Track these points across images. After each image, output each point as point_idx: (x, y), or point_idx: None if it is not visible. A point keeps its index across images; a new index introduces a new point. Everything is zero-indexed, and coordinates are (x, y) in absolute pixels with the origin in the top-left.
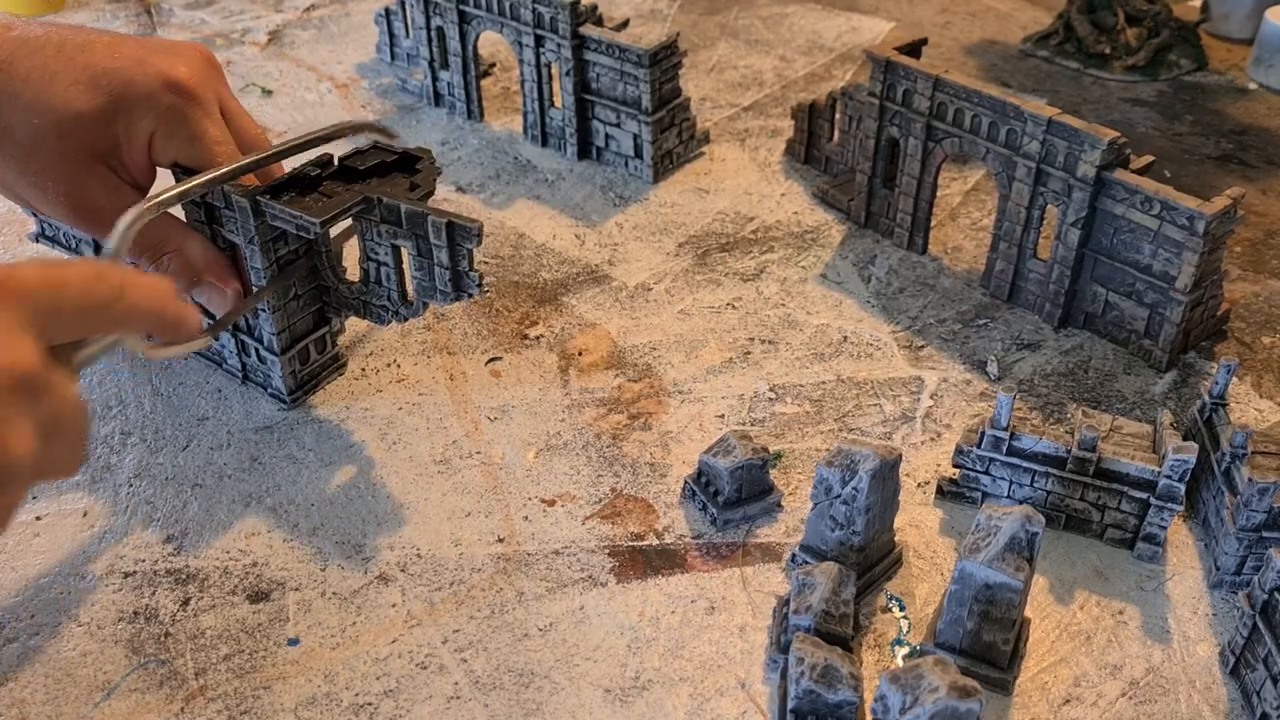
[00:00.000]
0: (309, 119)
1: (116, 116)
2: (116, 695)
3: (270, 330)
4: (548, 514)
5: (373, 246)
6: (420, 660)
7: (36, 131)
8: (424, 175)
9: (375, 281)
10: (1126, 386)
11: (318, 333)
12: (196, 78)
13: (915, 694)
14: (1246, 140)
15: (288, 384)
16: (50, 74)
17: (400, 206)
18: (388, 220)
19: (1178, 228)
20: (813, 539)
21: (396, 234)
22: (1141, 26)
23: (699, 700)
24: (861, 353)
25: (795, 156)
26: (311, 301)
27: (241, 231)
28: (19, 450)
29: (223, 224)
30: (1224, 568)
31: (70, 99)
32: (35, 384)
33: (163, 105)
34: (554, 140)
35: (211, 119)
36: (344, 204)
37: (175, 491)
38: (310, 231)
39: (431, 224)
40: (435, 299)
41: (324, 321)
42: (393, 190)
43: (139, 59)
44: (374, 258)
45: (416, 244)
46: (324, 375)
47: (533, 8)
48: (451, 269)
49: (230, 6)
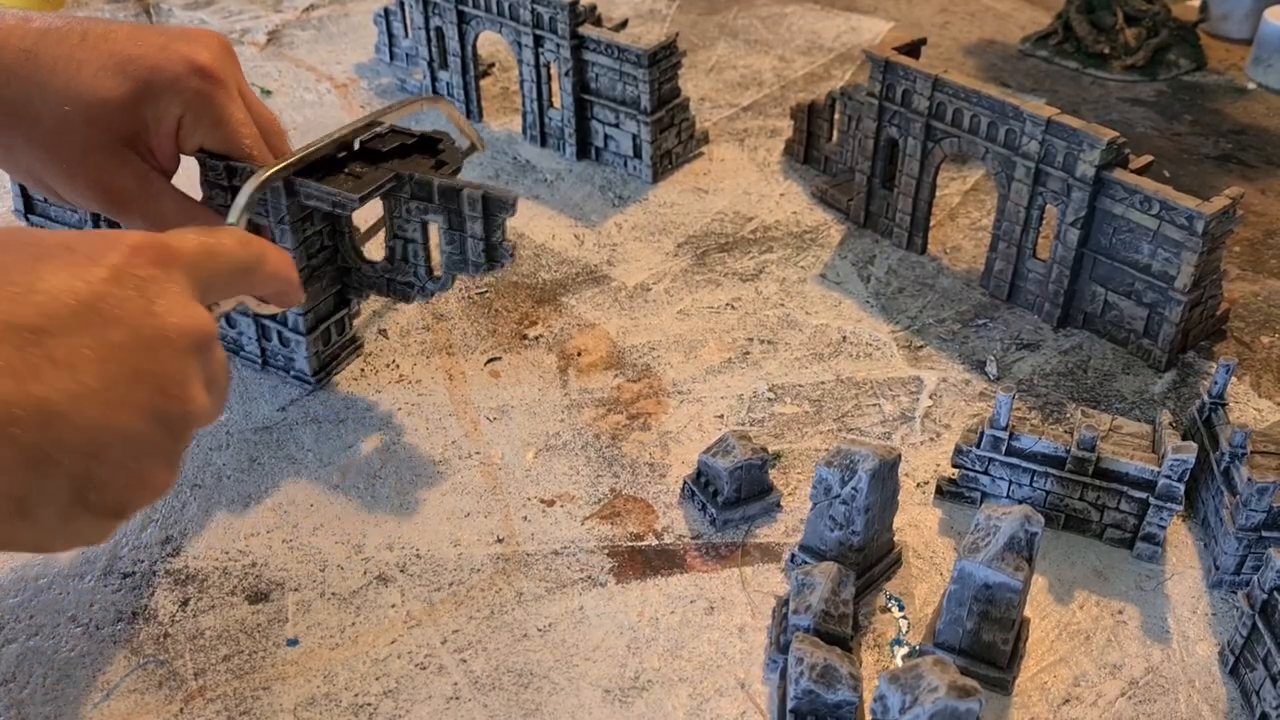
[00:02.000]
0: (309, 119)
1: (145, 101)
2: (115, 696)
3: (297, 311)
4: (547, 514)
5: (400, 224)
6: (420, 661)
7: (66, 119)
8: (448, 154)
9: (401, 259)
10: (1126, 386)
11: (338, 314)
12: (218, 62)
13: (915, 694)
14: (1245, 140)
15: (312, 365)
16: (77, 62)
17: (434, 181)
18: (419, 196)
19: (1177, 227)
20: (812, 539)
21: (428, 209)
22: (1140, 26)
23: (698, 700)
24: (861, 353)
25: (794, 156)
26: (333, 283)
27: (272, 212)
28: (201, 401)
29: None
30: (1223, 567)
31: (98, 85)
32: (210, 342)
33: (189, 90)
34: (553, 140)
35: (235, 103)
36: (377, 180)
37: (174, 492)
38: (348, 207)
39: (467, 197)
40: (467, 270)
41: (344, 303)
42: (420, 168)
43: (162, 45)
44: (401, 235)
45: (449, 218)
46: (343, 356)
47: (532, 8)
48: (485, 240)
49: (229, 6)
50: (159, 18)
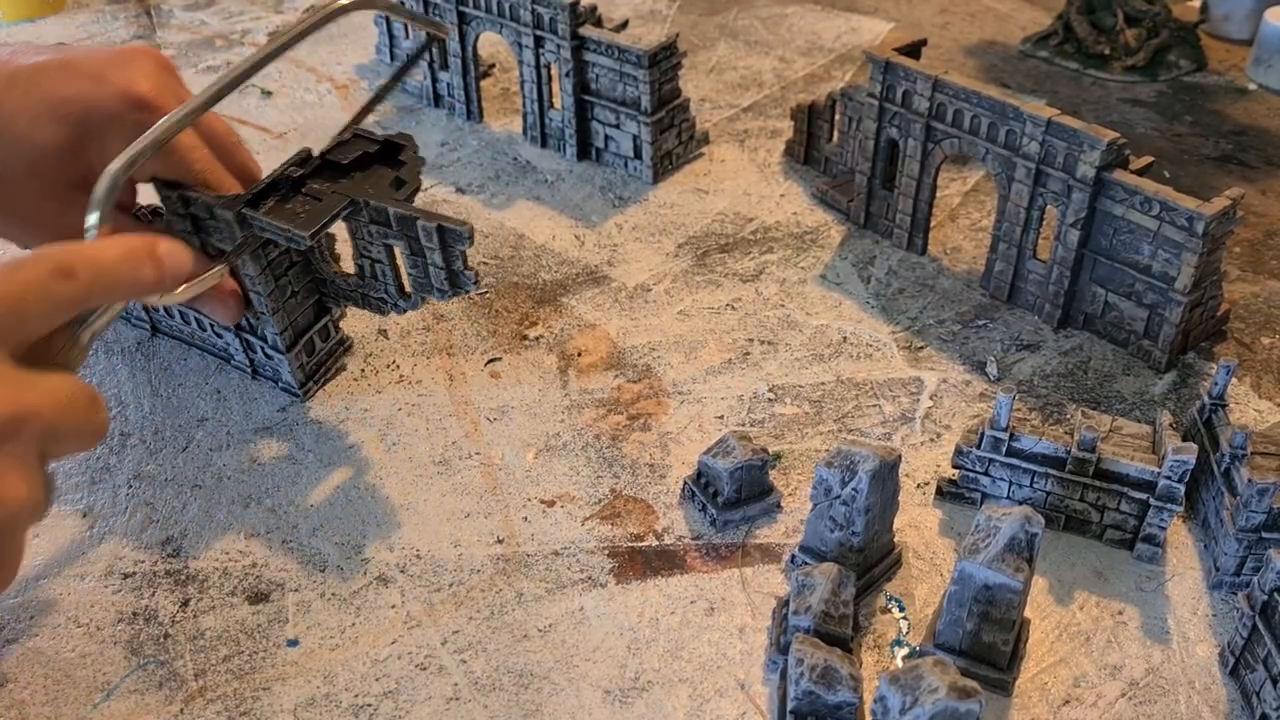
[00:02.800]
0: (309, 120)
1: (86, 143)
2: (116, 696)
3: (273, 330)
4: (547, 515)
5: (365, 245)
6: (419, 661)
7: (10, 173)
8: (409, 169)
9: (371, 276)
10: (1126, 387)
11: (319, 323)
12: (156, 88)
13: (915, 695)
14: (1246, 141)
15: (298, 378)
16: (9, 113)
17: (389, 210)
18: (377, 221)
19: (1177, 228)
20: (812, 540)
21: (387, 234)
22: (1141, 27)
23: (698, 701)
24: (861, 353)
25: (795, 157)
26: (309, 295)
27: (229, 241)
28: (10, 496)
29: (210, 234)
30: (1223, 568)
31: (35, 135)
32: (9, 422)
33: (129, 124)
34: (553, 141)
35: None
36: (330, 211)
37: (175, 492)
38: (300, 245)
39: (421, 229)
40: (433, 295)
41: (324, 311)
42: (378, 188)
43: (96, 78)
44: (367, 255)
45: (409, 244)
46: (331, 361)
47: (532, 8)
48: (446, 269)
49: (230, 7)
50: (159, 18)
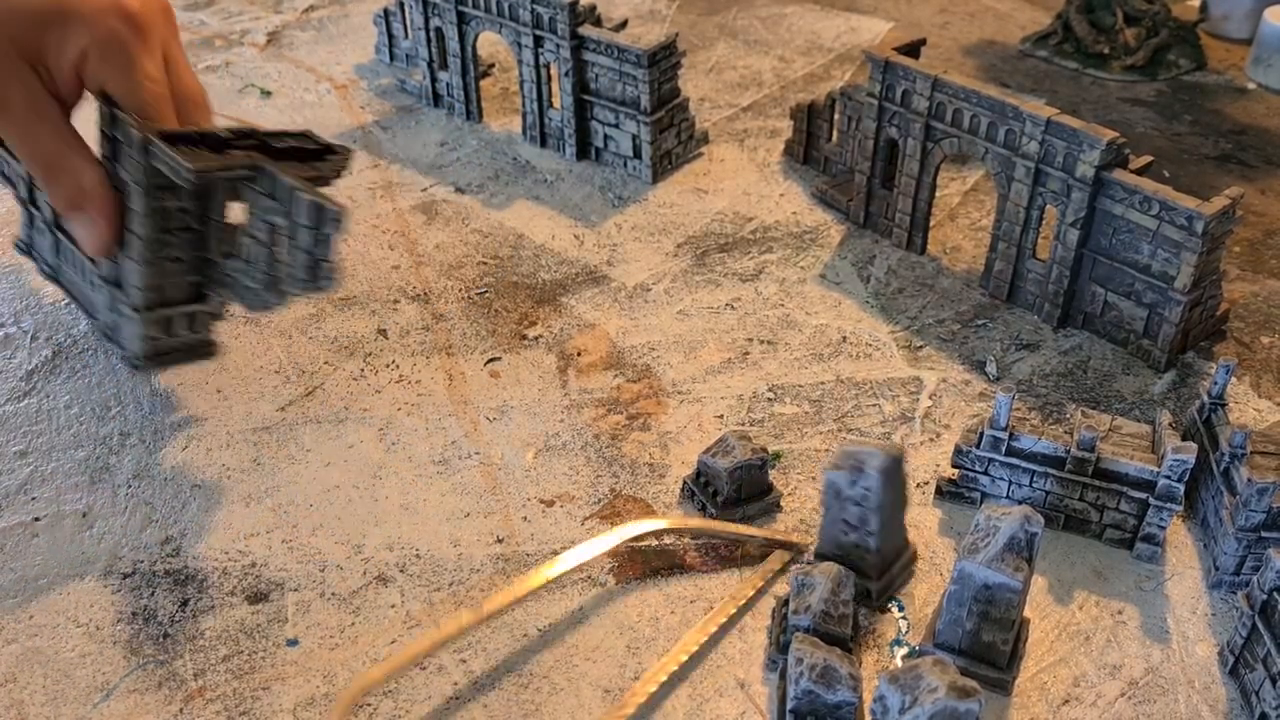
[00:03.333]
0: (308, 119)
1: (55, 22)
2: (115, 696)
3: (136, 284)
4: (547, 514)
5: (255, 222)
6: (419, 661)
7: None
8: (330, 164)
9: (247, 260)
10: (1125, 387)
11: (189, 306)
12: (146, 12)
13: (914, 694)
14: (1245, 140)
15: (142, 348)
16: None
17: (279, 178)
18: (267, 194)
19: (1176, 228)
20: (828, 546)
21: (270, 210)
22: (1140, 26)
23: (698, 701)
24: (860, 353)
25: (794, 157)
26: (191, 270)
27: (131, 171)
28: None
29: (122, 163)
30: (1223, 568)
31: None
32: None
33: (103, 26)
34: (553, 141)
35: (149, 56)
36: (228, 163)
37: (174, 492)
38: (179, 175)
39: (297, 199)
40: (292, 286)
41: (200, 297)
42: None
43: None
44: (253, 234)
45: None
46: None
47: (531, 8)
48: (309, 254)
49: (229, 8)
50: None
